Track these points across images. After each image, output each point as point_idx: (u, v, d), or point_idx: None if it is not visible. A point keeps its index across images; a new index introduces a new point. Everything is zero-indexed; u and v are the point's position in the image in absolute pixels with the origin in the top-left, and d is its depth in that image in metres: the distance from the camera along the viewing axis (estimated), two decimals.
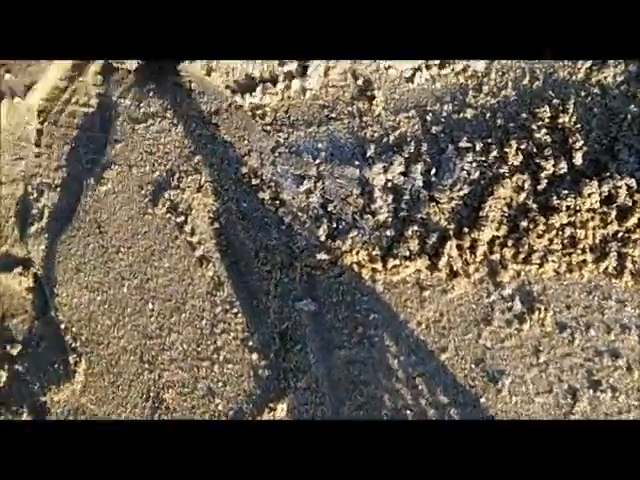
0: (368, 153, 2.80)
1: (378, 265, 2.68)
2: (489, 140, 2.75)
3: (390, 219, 2.73)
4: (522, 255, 2.61)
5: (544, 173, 2.66)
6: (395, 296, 2.69)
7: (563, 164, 2.64)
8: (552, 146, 2.69)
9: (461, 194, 2.71)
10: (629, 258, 2.51)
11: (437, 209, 2.71)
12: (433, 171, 2.75)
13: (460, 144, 2.76)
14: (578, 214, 2.58)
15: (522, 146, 2.70)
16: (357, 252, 2.70)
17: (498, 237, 2.65)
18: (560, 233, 2.59)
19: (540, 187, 2.65)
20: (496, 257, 2.64)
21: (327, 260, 2.73)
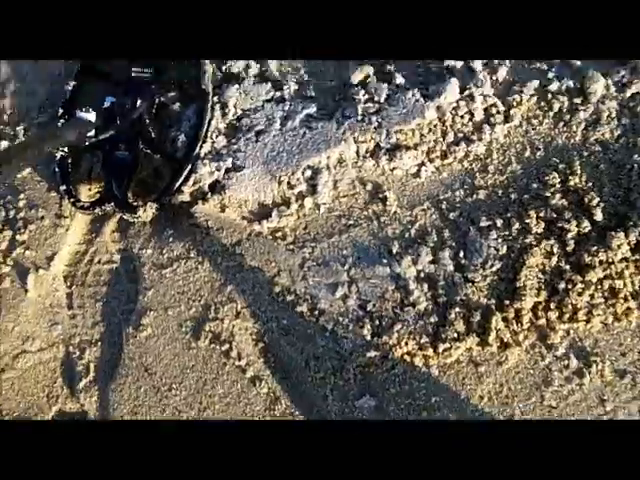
0: (394, 250, 2.86)
1: (429, 352, 2.67)
2: (508, 215, 2.83)
3: (431, 306, 2.75)
4: (567, 315, 2.63)
5: (569, 234, 2.72)
6: (452, 376, 2.67)
7: (586, 222, 2.71)
8: (570, 208, 2.77)
9: (494, 269, 2.75)
10: None
11: (474, 288, 2.74)
12: (461, 254, 2.80)
13: (481, 224, 2.83)
14: (612, 266, 2.62)
15: (541, 214, 2.77)
16: (406, 343, 2.70)
17: (540, 302, 2.67)
18: (599, 287, 2.62)
19: (569, 248, 2.70)
20: (542, 322, 2.65)
21: (377, 356, 2.71)
